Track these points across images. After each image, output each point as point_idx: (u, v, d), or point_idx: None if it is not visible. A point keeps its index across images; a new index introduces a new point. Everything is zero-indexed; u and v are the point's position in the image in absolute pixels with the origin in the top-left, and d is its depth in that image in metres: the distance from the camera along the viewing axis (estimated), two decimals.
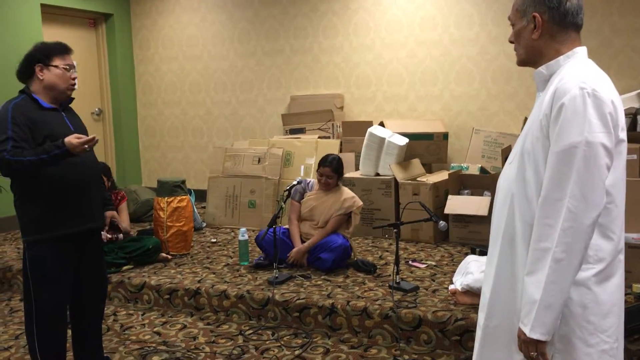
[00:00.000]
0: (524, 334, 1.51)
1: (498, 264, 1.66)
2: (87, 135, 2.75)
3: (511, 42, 1.70)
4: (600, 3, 4.85)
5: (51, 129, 2.51)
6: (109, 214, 3.14)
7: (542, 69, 1.63)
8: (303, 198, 4.11)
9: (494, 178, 4.55)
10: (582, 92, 1.47)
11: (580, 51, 1.61)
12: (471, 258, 3.50)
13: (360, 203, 4.06)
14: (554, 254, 1.45)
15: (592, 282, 1.52)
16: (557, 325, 1.50)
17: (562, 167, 1.46)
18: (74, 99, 2.76)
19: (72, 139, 2.44)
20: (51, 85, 2.56)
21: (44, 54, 2.56)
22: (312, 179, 4.21)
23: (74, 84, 2.62)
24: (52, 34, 5.85)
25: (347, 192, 4.08)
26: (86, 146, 2.46)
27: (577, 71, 1.54)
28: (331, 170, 4.02)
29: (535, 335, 1.48)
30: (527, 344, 1.52)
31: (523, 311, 1.52)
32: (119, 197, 4.32)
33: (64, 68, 2.56)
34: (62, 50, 2.59)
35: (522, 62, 1.70)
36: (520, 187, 1.59)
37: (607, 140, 1.45)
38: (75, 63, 2.64)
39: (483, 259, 3.40)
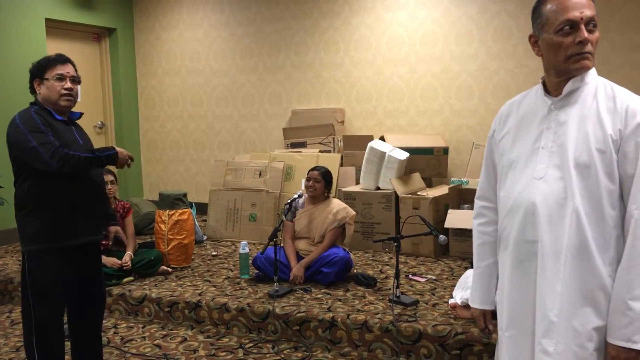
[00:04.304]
0: (634, 352, 1.51)
1: (564, 283, 1.58)
2: None
3: (588, 42, 1.60)
4: (599, 20, 4.89)
5: (66, 139, 2.55)
6: (112, 229, 3.11)
7: (570, 84, 1.63)
8: (295, 216, 4.12)
9: None
10: None
11: (594, 69, 1.67)
12: (471, 272, 3.50)
13: (353, 213, 4.08)
14: None
15: None
16: None
17: None
18: (82, 114, 2.78)
19: (121, 149, 2.66)
20: (46, 98, 2.59)
21: (39, 69, 2.60)
22: (301, 194, 4.13)
23: (66, 94, 2.58)
24: (56, 48, 5.90)
25: (337, 203, 4.10)
26: (129, 162, 2.68)
27: (626, 90, 1.61)
28: (319, 173, 4.05)
29: None
30: None
31: (629, 330, 1.51)
32: (125, 209, 4.33)
33: (54, 79, 2.57)
34: (53, 61, 2.59)
35: (590, 68, 1.64)
36: (588, 202, 1.56)
37: None
38: (70, 72, 2.61)
39: None
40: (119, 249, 4.11)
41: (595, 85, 1.63)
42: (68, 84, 2.58)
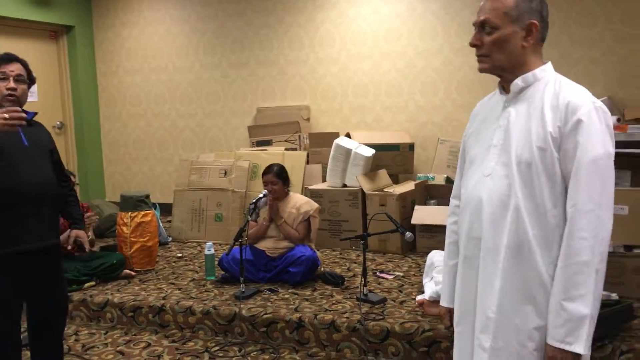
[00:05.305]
0: (570, 353, 1.47)
1: (503, 281, 1.58)
2: (50, 151, 2.66)
3: (476, 45, 1.63)
4: (558, 14, 4.96)
5: (5, 143, 2.42)
6: (73, 233, 2.85)
7: (519, 81, 1.62)
8: (260, 216, 4.07)
9: None
10: (594, 106, 1.52)
11: (550, 65, 1.65)
12: (435, 253, 3.51)
13: (317, 205, 4.06)
14: (594, 265, 1.47)
15: None
16: None
17: (590, 179, 1.48)
18: (36, 113, 2.67)
19: None
20: None
21: None
22: (266, 193, 4.04)
23: (9, 94, 2.46)
24: (10, 47, 5.69)
25: (299, 198, 4.08)
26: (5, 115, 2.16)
27: (575, 85, 1.58)
28: (273, 175, 3.99)
29: (584, 351, 1.46)
30: None
31: (563, 330, 1.48)
32: (83, 209, 4.21)
33: None
34: None
35: (494, 69, 1.63)
36: (529, 199, 1.54)
37: (613, 151, 1.53)
38: (15, 71, 2.50)
39: None
40: (81, 253, 4.01)
41: (546, 82, 1.61)
42: (10, 84, 2.47)
